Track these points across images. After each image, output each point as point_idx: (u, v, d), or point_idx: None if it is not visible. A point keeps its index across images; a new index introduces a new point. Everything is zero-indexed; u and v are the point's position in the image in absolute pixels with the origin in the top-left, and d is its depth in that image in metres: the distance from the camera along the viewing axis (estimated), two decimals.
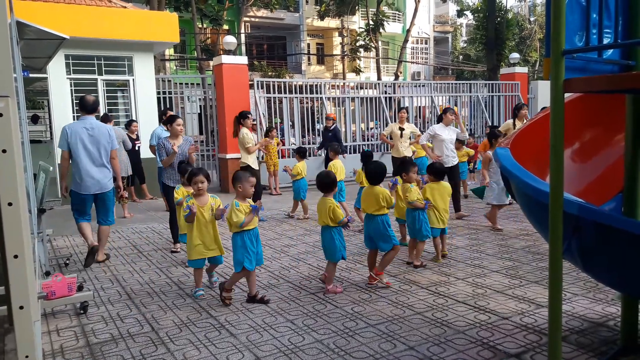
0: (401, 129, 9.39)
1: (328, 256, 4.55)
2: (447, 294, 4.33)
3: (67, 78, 10.13)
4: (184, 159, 5.89)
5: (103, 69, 10.50)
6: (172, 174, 6.02)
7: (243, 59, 11.83)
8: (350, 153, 13.30)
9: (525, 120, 7.95)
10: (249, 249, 4.14)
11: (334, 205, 4.42)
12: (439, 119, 7.90)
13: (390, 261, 4.67)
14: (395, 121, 10.60)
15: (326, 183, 4.58)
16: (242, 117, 7.92)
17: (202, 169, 4.59)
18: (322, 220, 4.51)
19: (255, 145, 7.79)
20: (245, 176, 4.22)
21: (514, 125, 8.26)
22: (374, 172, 4.69)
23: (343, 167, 7.64)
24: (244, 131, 7.75)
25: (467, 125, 15.93)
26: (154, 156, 10.13)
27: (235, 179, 4.24)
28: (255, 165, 7.78)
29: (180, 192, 5.28)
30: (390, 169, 9.53)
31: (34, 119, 16.00)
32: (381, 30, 29.91)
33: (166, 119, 6.19)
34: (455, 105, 15.47)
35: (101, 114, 9.19)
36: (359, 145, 13.67)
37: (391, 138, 9.66)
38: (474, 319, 3.74)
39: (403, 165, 5.46)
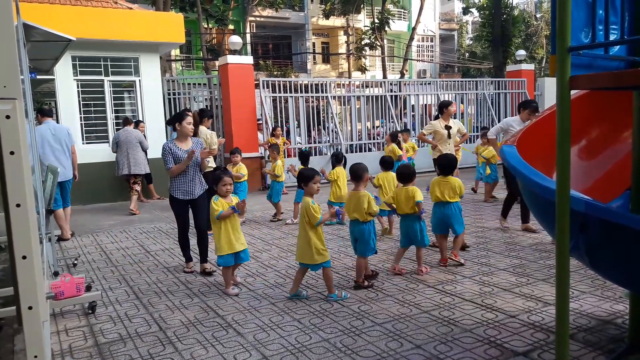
0: (447, 128, 7.43)
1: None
2: (454, 292, 4.33)
3: (74, 79, 10.19)
4: (197, 163, 5.25)
5: (109, 70, 10.56)
6: (182, 184, 5.16)
7: (248, 59, 11.84)
8: (356, 152, 13.30)
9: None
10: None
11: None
12: (519, 112, 6.90)
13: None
14: (431, 121, 8.34)
15: (407, 174, 4.99)
16: (205, 116, 7.16)
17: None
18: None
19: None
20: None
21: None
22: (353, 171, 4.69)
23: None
24: (208, 131, 7.03)
25: (473, 122, 15.89)
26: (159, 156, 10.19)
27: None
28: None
29: (220, 204, 4.54)
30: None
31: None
32: (387, 28, 29.84)
33: (173, 116, 5.43)
34: (462, 102, 15.42)
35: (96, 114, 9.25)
36: (365, 143, 13.66)
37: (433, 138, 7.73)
38: (481, 317, 3.74)
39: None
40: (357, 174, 4.63)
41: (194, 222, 5.36)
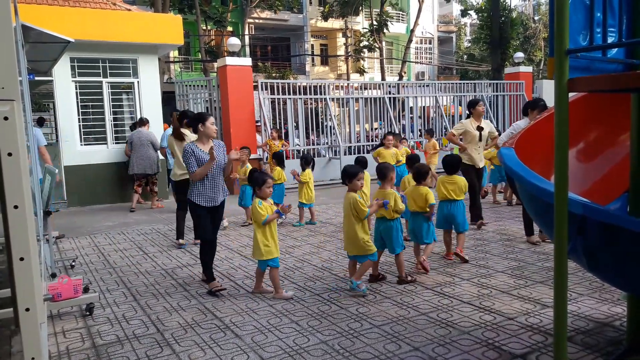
0: (479, 129, 6.86)
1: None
2: (452, 294, 4.33)
3: (73, 81, 10.17)
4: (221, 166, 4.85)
5: (108, 71, 10.55)
6: (206, 189, 4.70)
7: (247, 61, 11.85)
8: (355, 154, 13.30)
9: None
10: None
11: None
12: (525, 113, 6.61)
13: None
14: (461, 120, 7.42)
15: (422, 173, 5.13)
16: (187, 118, 6.31)
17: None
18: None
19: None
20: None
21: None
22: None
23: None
24: (194, 136, 5.99)
25: None
26: (162, 158, 10.20)
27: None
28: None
29: (265, 208, 4.41)
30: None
31: (40, 122, 16.06)
32: (385, 30, 29.90)
33: (193, 118, 4.94)
34: (460, 105, 15.44)
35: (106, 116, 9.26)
36: (363, 145, 13.66)
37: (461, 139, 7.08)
38: (479, 320, 3.74)
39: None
40: (383, 173, 4.77)
41: (205, 230, 4.81)
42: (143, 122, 9.94)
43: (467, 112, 7.18)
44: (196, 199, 4.70)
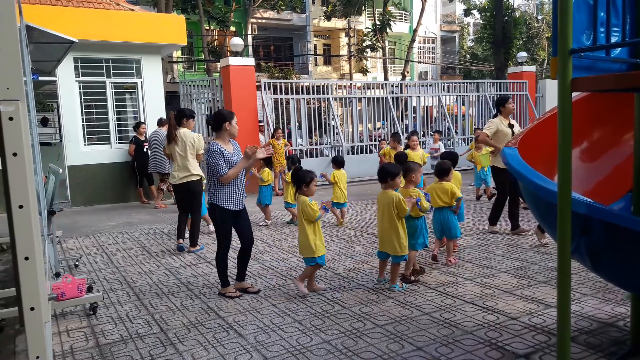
0: (511, 127, 6.53)
1: (448, 235, 5.18)
2: (455, 294, 4.32)
3: (76, 81, 10.22)
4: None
5: (111, 71, 10.58)
6: (234, 192, 4.45)
7: (250, 61, 11.86)
8: (358, 153, 13.31)
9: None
10: None
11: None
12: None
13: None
14: (491, 119, 6.83)
15: (444, 169, 5.29)
16: (185, 116, 6.13)
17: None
18: (436, 203, 5.13)
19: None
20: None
21: None
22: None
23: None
24: (194, 134, 6.12)
25: (474, 124, 15.88)
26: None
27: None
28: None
29: (315, 205, 4.39)
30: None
31: (44, 122, 16.12)
32: (388, 30, 29.84)
33: (217, 116, 4.55)
34: (463, 104, 15.42)
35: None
36: (366, 145, 13.66)
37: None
38: (482, 320, 3.73)
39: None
40: (407, 173, 4.87)
41: (240, 236, 4.60)
42: (162, 122, 9.96)
43: (496, 110, 6.74)
44: (224, 203, 4.39)
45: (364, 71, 31.77)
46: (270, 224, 7.83)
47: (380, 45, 30.00)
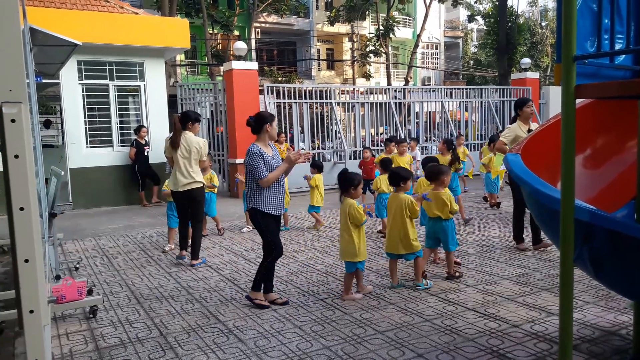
0: (530, 132, 5.72)
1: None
2: (457, 301, 4.30)
3: (79, 83, 10.24)
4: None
5: (114, 74, 10.61)
6: (276, 195, 4.29)
7: (253, 65, 11.88)
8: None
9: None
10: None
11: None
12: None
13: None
14: (509, 125, 6.50)
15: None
16: (190, 120, 5.72)
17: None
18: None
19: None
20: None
21: None
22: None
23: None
24: (200, 140, 5.76)
25: (478, 131, 15.87)
26: (164, 161, 10.23)
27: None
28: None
29: (361, 209, 4.38)
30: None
31: (46, 124, 16.19)
32: (391, 35, 29.89)
33: (258, 117, 4.39)
34: (466, 110, 15.41)
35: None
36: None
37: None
38: (484, 327, 3.71)
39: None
40: (436, 176, 4.99)
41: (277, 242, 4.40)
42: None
43: (514, 113, 6.20)
44: (267, 207, 4.24)
45: (367, 76, 31.81)
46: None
47: (383, 51, 30.05)
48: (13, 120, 1.70)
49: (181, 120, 5.68)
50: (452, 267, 4.97)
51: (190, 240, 5.92)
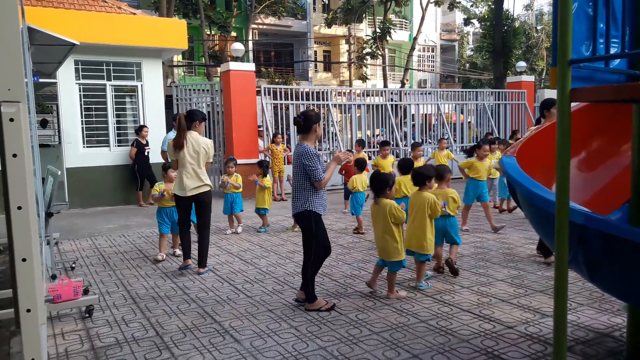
0: None
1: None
2: (452, 302, 4.32)
3: (76, 83, 10.22)
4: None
5: (112, 74, 10.59)
6: (324, 196, 4.23)
7: (250, 66, 11.89)
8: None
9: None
10: None
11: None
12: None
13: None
14: (530, 127, 6.29)
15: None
16: (196, 119, 5.38)
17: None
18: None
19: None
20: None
21: None
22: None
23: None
24: (207, 140, 5.44)
25: (473, 133, 15.91)
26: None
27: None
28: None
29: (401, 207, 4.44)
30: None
31: (43, 123, 16.12)
32: (388, 38, 29.95)
33: (307, 116, 4.27)
34: (462, 113, 15.46)
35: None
36: (364, 152, 13.64)
37: None
38: (479, 328, 3.73)
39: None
40: (441, 175, 5.18)
41: (329, 242, 4.32)
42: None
43: (540, 115, 5.89)
44: (319, 208, 4.15)
45: (364, 78, 31.85)
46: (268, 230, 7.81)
47: (380, 53, 30.10)
48: (11, 120, 1.70)
49: (187, 119, 5.32)
50: (455, 255, 5.18)
51: (186, 244, 5.59)
